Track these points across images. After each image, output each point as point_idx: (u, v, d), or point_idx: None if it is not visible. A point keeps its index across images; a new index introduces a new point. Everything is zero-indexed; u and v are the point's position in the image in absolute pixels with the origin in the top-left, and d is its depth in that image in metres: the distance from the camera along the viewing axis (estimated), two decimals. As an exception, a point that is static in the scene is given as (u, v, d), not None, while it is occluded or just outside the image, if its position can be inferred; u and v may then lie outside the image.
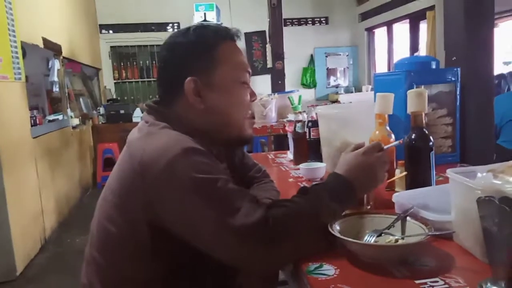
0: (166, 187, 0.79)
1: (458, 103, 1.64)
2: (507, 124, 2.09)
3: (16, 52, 3.06)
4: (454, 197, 0.86)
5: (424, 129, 1.16)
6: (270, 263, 0.82)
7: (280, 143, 3.76)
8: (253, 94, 0.99)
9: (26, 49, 3.33)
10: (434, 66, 1.64)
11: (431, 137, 1.16)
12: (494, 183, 0.77)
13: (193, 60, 0.93)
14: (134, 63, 6.88)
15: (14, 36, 3.03)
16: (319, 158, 1.73)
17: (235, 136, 0.97)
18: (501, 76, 3.39)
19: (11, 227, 2.76)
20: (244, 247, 0.76)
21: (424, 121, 1.17)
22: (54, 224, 3.71)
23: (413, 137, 1.16)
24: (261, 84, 6.56)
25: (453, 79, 1.61)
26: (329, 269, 0.79)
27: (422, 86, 1.54)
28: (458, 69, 1.62)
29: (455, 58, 1.77)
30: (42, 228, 3.41)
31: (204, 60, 0.93)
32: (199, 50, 0.93)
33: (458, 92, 1.63)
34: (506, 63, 5.92)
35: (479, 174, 0.83)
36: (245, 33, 6.71)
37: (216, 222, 0.76)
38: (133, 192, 0.83)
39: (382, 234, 0.87)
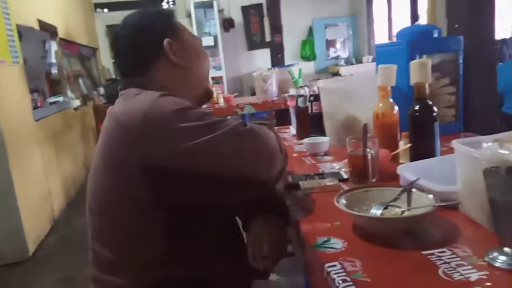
0: (152, 126, 0.83)
1: (461, 72, 1.63)
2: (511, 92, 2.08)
3: (12, 35, 3.02)
4: (459, 167, 0.87)
5: (428, 100, 1.16)
6: (262, 156, 0.87)
7: (281, 118, 3.75)
8: (207, 56, 1.14)
9: (22, 32, 3.28)
10: (436, 35, 1.61)
11: (434, 108, 1.16)
12: (500, 153, 0.77)
13: (163, 26, 1.05)
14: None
15: (9, 19, 2.98)
16: (321, 132, 1.73)
17: (204, 92, 1.11)
18: (503, 41, 3.34)
19: (20, 210, 2.80)
20: (239, 144, 0.84)
21: (427, 92, 1.16)
22: (62, 205, 3.76)
23: (416, 108, 1.16)
24: (260, 58, 6.49)
25: (456, 47, 1.59)
26: (336, 243, 0.80)
27: (424, 56, 1.52)
28: (461, 37, 1.59)
29: (457, 25, 1.74)
30: (51, 209, 3.46)
31: (172, 25, 1.06)
32: (165, 19, 1.07)
33: (461, 61, 1.61)
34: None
35: (484, 144, 0.83)
36: (242, 7, 6.59)
37: (208, 134, 0.82)
38: (122, 147, 0.87)
39: (388, 207, 0.88)
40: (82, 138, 4.88)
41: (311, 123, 1.82)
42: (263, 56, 6.18)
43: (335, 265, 0.72)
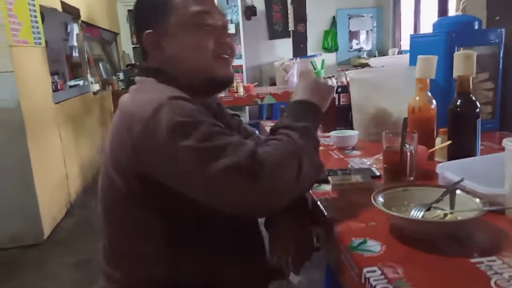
0: (150, 133, 0.78)
1: (501, 67, 1.54)
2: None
3: (35, 17, 3.01)
4: (511, 169, 0.79)
5: (471, 95, 1.08)
6: (254, 201, 0.76)
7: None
8: (220, 37, 0.96)
9: (45, 13, 3.26)
10: (476, 27, 1.52)
11: (478, 103, 1.08)
12: None
13: (149, 13, 0.97)
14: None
15: (33, 0, 2.97)
16: (348, 125, 1.66)
17: (207, 79, 0.95)
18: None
19: (37, 192, 2.81)
20: (228, 185, 0.73)
21: (471, 86, 1.08)
22: (79, 189, 3.77)
23: (458, 103, 1.08)
24: (282, 48, 6.38)
25: (496, 40, 1.50)
26: (374, 245, 0.74)
27: (461, 48, 1.44)
28: (503, 30, 1.49)
29: (498, 17, 1.64)
30: (67, 192, 3.47)
31: (158, 10, 0.95)
32: (153, 2, 0.97)
33: (501, 55, 1.52)
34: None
35: (541, 145, 0.76)
36: (265, -5, 6.49)
37: (203, 163, 0.73)
38: (122, 145, 0.84)
39: (431, 208, 0.81)
40: (101, 122, 4.89)
41: (338, 115, 1.75)
42: (284, 46, 6.07)
43: (374, 271, 0.66)
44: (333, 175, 1.10)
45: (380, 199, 0.83)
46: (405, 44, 6.22)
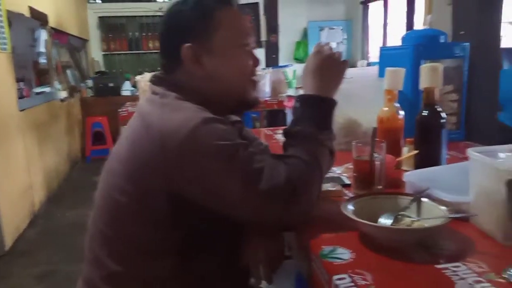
0: (189, 156, 0.78)
1: (465, 79, 1.60)
2: (511, 102, 2.06)
3: (1, 21, 2.92)
4: (475, 178, 0.82)
5: (437, 106, 1.12)
6: (293, 218, 0.84)
7: (274, 119, 3.70)
8: (256, 59, 0.97)
9: (12, 18, 3.17)
10: (442, 40, 1.58)
11: (443, 114, 1.12)
12: (523, 164, 0.73)
13: (191, 26, 0.91)
14: (123, 35, 6.68)
15: (0, 4, 2.88)
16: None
17: (239, 101, 0.96)
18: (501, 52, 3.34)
19: (-1, 202, 2.70)
20: (270, 208, 0.79)
21: (436, 98, 1.12)
22: (43, 199, 3.65)
23: (425, 114, 1.11)
24: (254, 58, 6.41)
25: (461, 54, 1.56)
26: (344, 253, 0.75)
27: (428, 61, 1.48)
28: (467, 44, 1.56)
29: (463, 32, 1.71)
30: (31, 202, 3.35)
31: (202, 25, 0.91)
32: (197, 16, 0.91)
33: (466, 68, 1.58)
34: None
35: (501, 154, 0.79)
36: (237, 5, 6.52)
37: (242, 188, 0.77)
38: (151, 163, 0.81)
39: (399, 216, 0.83)
40: (67, 130, 4.76)
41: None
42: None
43: (344, 278, 0.66)
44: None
45: (350, 207, 0.84)
46: (374, 56, 6.38)
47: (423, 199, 0.85)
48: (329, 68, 0.93)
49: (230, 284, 0.98)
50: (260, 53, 5.75)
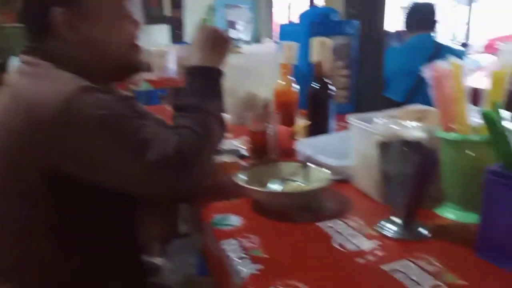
0: (64, 129, 0.72)
1: (354, 56, 1.71)
2: (395, 77, 2.24)
3: None
4: (354, 142, 0.89)
5: (326, 79, 1.18)
6: (185, 190, 0.80)
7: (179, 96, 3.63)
8: (136, 22, 0.93)
9: None
10: (335, 18, 1.66)
11: (332, 86, 1.18)
12: (393, 127, 0.80)
13: None
14: (10, 6, 5.99)
15: None
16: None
17: (123, 66, 0.92)
18: (388, 34, 3.62)
19: None
20: (160, 180, 0.76)
21: (326, 71, 1.18)
22: None
23: (315, 86, 1.17)
24: (158, 34, 6.19)
25: (351, 31, 1.66)
26: (235, 219, 0.77)
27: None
28: (358, 22, 1.66)
29: (352, 11, 1.82)
30: None
31: None
32: None
33: (356, 45, 1.69)
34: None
35: (377, 120, 0.86)
36: (141, -22, 6.19)
37: (129, 159, 0.74)
38: (21, 138, 0.74)
39: (287, 182, 0.86)
40: None
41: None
42: (160, 32, 5.90)
43: (232, 242, 0.68)
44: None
45: (243, 176, 0.85)
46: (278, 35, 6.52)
47: (310, 165, 0.89)
48: (214, 41, 0.94)
49: (123, 262, 0.94)
50: (163, 29, 5.58)
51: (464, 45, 4.08)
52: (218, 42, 0.94)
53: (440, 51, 2.20)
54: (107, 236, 0.87)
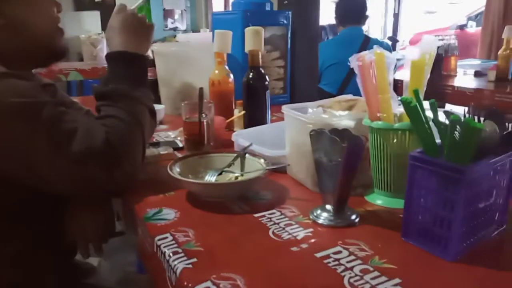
0: None
1: (289, 47, 1.72)
2: (328, 69, 2.32)
3: None
4: (288, 132, 0.90)
5: (261, 68, 1.18)
6: (117, 184, 0.78)
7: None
8: (58, 5, 0.89)
9: None
10: (268, 8, 1.66)
11: (267, 77, 1.19)
12: (324, 117, 0.82)
13: None
14: None
15: None
16: (156, 100, 1.63)
17: (46, 51, 0.87)
18: (322, 27, 3.72)
19: None
20: (88, 174, 0.72)
21: (260, 61, 1.18)
22: None
23: (250, 76, 1.17)
24: (89, 21, 5.87)
25: (285, 22, 1.67)
26: (169, 213, 0.74)
27: (255, 27, 1.56)
28: (290, 12, 1.67)
29: (286, 2, 1.83)
30: None
31: None
32: None
33: (289, 36, 1.71)
34: None
35: (310, 109, 0.88)
36: (68, -39, 5.81)
37: (50, 152, 0.69)
38: None
39: (223, 173, 0.86)
40: None
41: (145, 90, 1.71)
42: (91, 19, 5.60)
43: (166, 237, 0.66)
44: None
45: (177, 168, 0.83)
46: (217, 25, 6.45)
47: (246, 155, 0.89)
48: (135, 25, 0.90)
49: (53, 260, 0.89)
50: (95, 15, 5.30)
51: (392, 39, 4.29)
52: (138, 27, 0.90)
53: (368, 44, 2.30)
54: (29, 235, 0.82)
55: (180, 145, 1.14)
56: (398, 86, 2.59)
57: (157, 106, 1.49)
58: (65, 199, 0.84)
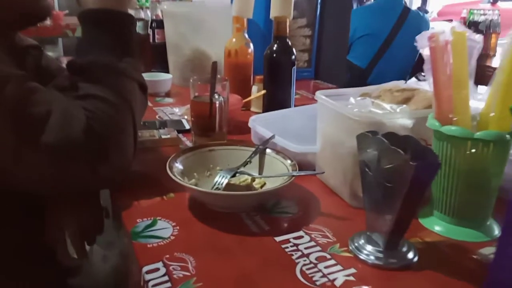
0: None
1: (318, 13, 1.50)
2: (359, 40, 2.08)
3: None
4: (322, 124, 0.71)
5: (288, 39, 0.98)
6: (102, 181, 0.61)
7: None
8: None
9: None
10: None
11: (294, 50, 0.99)
12: (374, 113, 0.63)
13: None
14: None
15: None
16: (165, 68, 1.45)
17: (24, 11, 0.67)
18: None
19: None
20: (64, 170, 0.55)
21: (288, 30, 0.98)
22: None
23: (275, 48, 0.97)
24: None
25: (316, -16, 1.44)
26: (164, 228, 0.57)
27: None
28: (323, -26, 1.45)
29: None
30: None
31: None
32: None
33: (319, 0, 1.48)
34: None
35: (352, 99, 0.68)
36: None
37: (15, 142, 0.52)
38: None
39: (236, 172, 0.68)
40: None
41: (154, 55, 1.52)
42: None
43: (157, 269, 0.49)
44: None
45: (178, 165, 0.66)
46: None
47: (267, 151, 0.71)
48: None
49: (31, 263, 0.74)
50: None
51: (423, 10, 3.97)
52: None
53: (408, 16, 2.05)
54: (10, 233, 0.67)
55: (187, 126, 0.96)
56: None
57: (163, 75, 1.31)
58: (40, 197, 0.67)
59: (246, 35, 1.10)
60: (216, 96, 0.82)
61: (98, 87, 0.59)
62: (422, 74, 3.61)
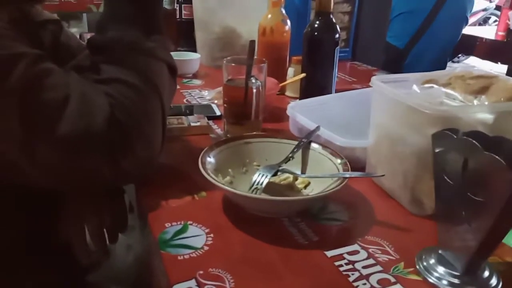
0: None
1: (359, -13, 1.38)
2: (397, 18, 1.94)
3: None
4: (378, 117, 0.61)
5: (331, 16, 0.87)
6: (126, 176, 0.54)
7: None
8: None
9: None
10: None
11: (338, 28, 0.88)
12: (448, 105, 0.53)
13: None
14: None
15: None
16: (193, 46, 1.36)
17: None
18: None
19: None
20: (82, 164, 0.48)
21: (332, 5, 0.87)
22: None
23: (316, 25, 0.86)
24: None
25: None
26: (197, 235, 0.50)
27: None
28: None
29: None
30: None
31: None
32: None
33: (361, -26, 1.36)
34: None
35: (415, 87, 0.58)
36: None
37: (24, 132, 0.45)
38: None
39: (277, 171, 0.59)
40: None
41: (180, 32, 1.43)
42: None
43: (189, 289, 0.41)
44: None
45: (211, 159, 0.58)
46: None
47: (311, 145, 0.62)
48: None
49: (46, 260, 0.69)
50: None
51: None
52: None
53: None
54: (22, 230, 0.61)
55: (218, 113, 0.88)
56: (476, 44, 2.18)
57: (190, 55, 1.22)
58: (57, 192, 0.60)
59: (283, 11, 1.00)
60: (253, 80, 0.73)
61: (123, 70, 0.51)
62: (462, 55, 3.41)
